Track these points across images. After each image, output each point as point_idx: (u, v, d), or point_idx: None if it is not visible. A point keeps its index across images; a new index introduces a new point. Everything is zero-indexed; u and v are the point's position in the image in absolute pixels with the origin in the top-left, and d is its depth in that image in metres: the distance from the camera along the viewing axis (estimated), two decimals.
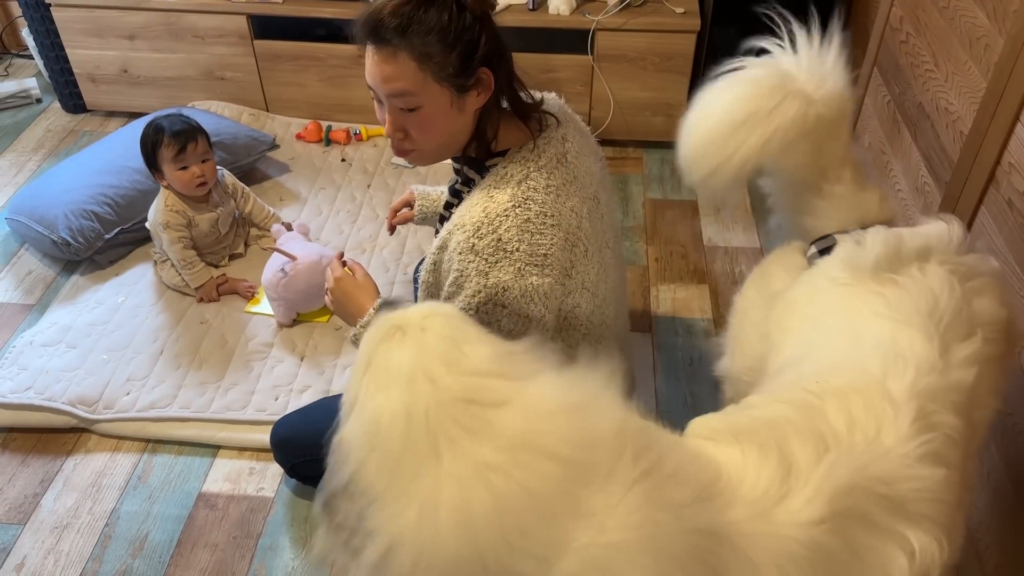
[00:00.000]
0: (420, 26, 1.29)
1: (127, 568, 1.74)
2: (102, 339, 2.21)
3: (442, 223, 1.64)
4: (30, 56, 3.48)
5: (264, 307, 2.30)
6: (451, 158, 1.51)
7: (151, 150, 2.24)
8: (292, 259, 2.16)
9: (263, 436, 1.91)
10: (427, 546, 0.92)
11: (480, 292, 1.38)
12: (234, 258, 2.48)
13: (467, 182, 1.54)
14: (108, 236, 2.41)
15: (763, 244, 2.57)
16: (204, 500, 1.87)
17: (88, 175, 2.50)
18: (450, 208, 1.60)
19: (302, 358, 2.17)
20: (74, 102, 3.19)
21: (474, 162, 1.50)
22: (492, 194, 1.39)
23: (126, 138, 2.59)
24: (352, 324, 1.49)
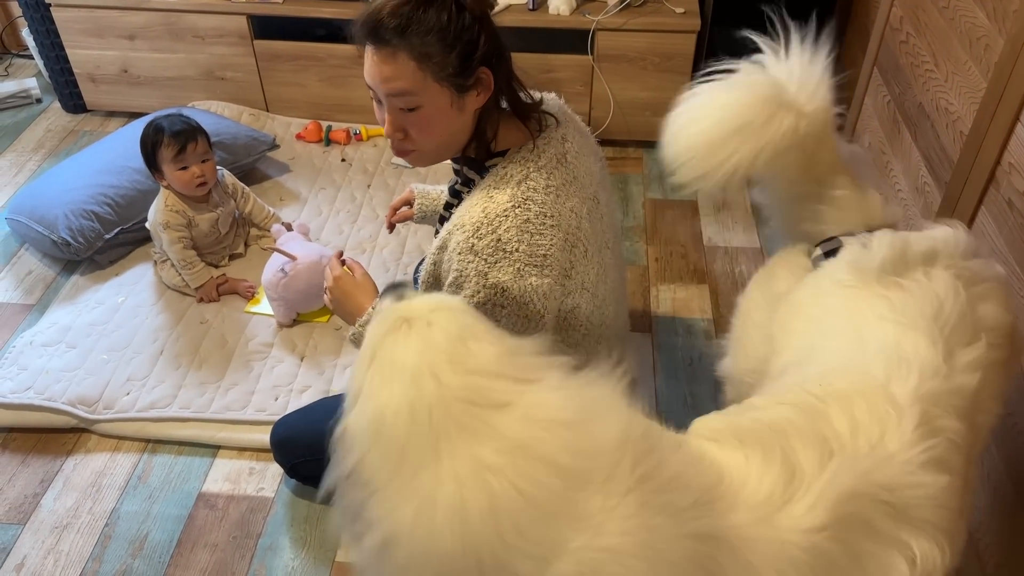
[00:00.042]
0: (419, 26, 1.29)
1: (127, 568, 1.74)
2: (102, 339, 2.21)
3: (442, 223, 1.64)
4: (30, 56, 3.48)
5: (264, 307, 2.30)
6: (451, 158, 1.52)
7: (151, 150, 2.24)
8: (292, 259, 2.16)
9: (263, 436, 1.91)
10: (423, 542, 0.93)
11: (479, 292, 1.38)
12: (234, 258, 2.48)
13: (467, 182, 1.54)
14: (108, 236, 2.41)
15: (763, 244, 2.57)
16: (204, 500, 1.87)
17: (88, 175, 2.50)
18: (450, 208, 1.60)
19: (302, 358, 2.17)
20: (74, 102, 3.19)
21: (474, 162, 1.49)
22: (492, 194, 1.39)
23: (126, 138, 2.59)
24: (351, 323, 1.49)
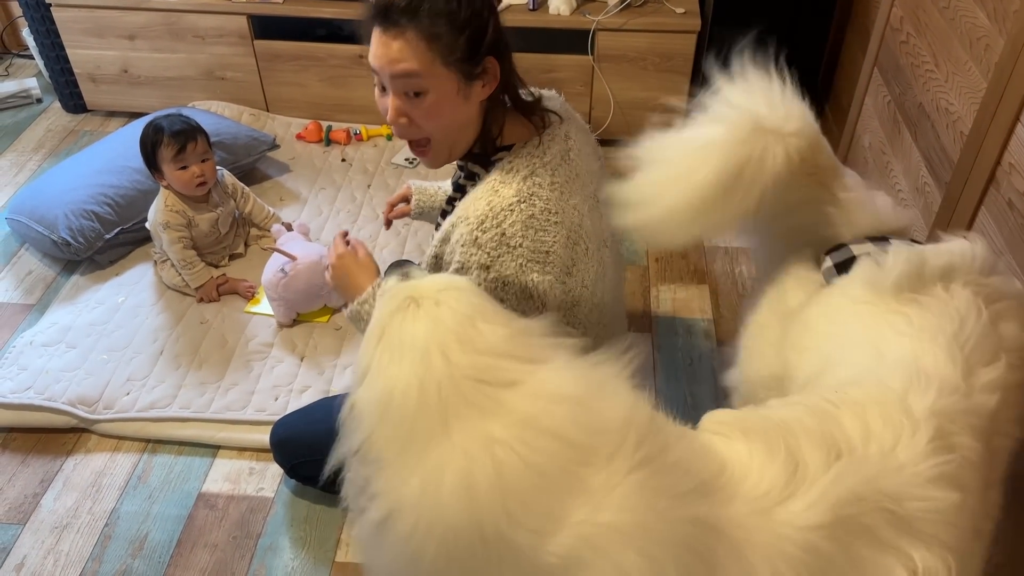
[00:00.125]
0: (430, 8, 1.30)
1: (127, 568, 1.74)
2: (102, 339, 2.21)
3: (444, 218, 1.64)
4: (30, 56, 3.49)
5: (264, 307, 2.30)
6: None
7: (151, 150, 2.24)
8: (292, 259, 2.16)
9: (263, 436, 1.91)
10: (428, 513, 0.94)
11: (480, 285, 1.38)
12: (234, 258, 2.48)
13: (470, 176, 1.54)
14: (108, 236, 2.41)
15: None
16: (204, 500, 1.87)
17: (88, 175, 2.50)
18: (452, 203, 1.60)
19: (302, 358, 2.17)
20: (74, 102, 3.19)
21: (478, 156, 1.49)
22: (497, 188, 1.39)
23: (126, 138, 2.59)
24: (350, 301, 1.49)
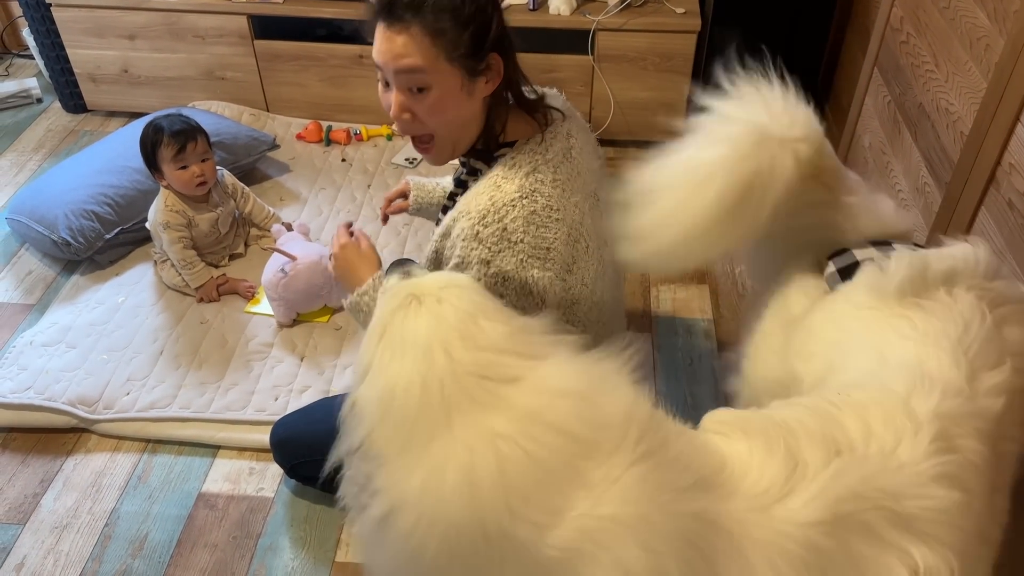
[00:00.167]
0: (435, 4, 1.30)
1: (127, 568, 1.74)
2: (102, 339, 2.21)
3: (445, 213, 1.64)
4: (31, 56, 3.48)
5: (264, 307, 2.30)
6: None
7: (151, 150, 2.24)
8: (292, 259, 2.16)
9: (263, 436, 1.91)
10: (430, 509, 0.94)
11: (480, 279, 1.38)
12: (234, 258, 2.48)
13: (472, 172, 1.54)
14: (108, 236, 2.41)
15: None
16: (204, 500, 1.87)
17: (88, 175, 2.50)
18: (454, 199, 1.60)
19: (302, 358, 2.17)
20: (75, 102, 3.19)
21: (481, 152, 1.50)
22: (500, 184, 1.40)
23: (126, 138, 2.59)
24: (350, 292, 1.49)
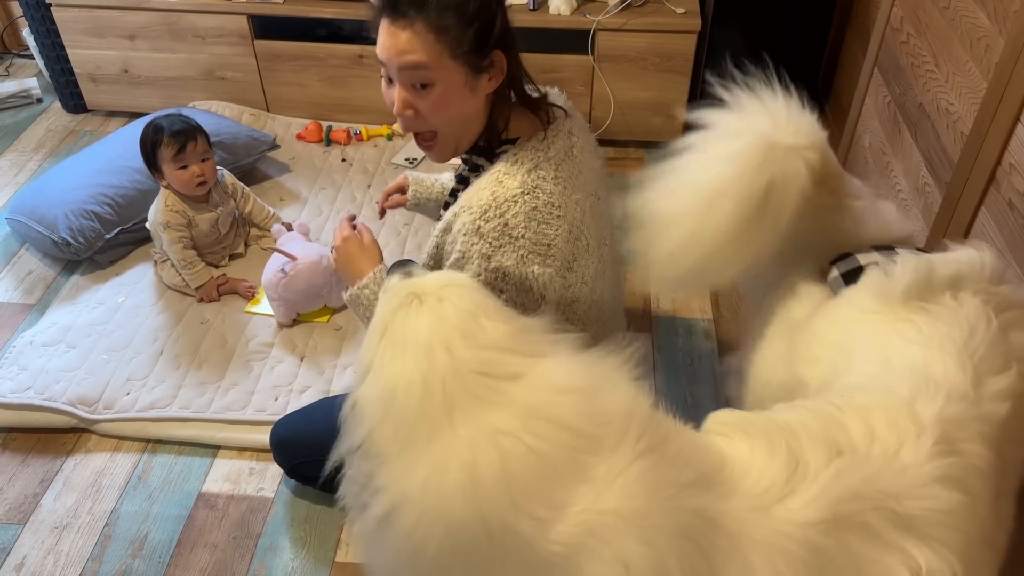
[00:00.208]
0: (439, 0, 1.30)
1: (127, 568, 1.74)
2: (102, 339, 2.21)
3: (446, 210, 1.64)
4: (31, 56, 3.48)
5: (264, 307, 2.30)
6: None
7: (151, 150, 2.24)
8: (292, 259, 2.16)
9: (263, 436, 1.91)
10: (432, 506, 0.94)
11: (480, 275, 1.38)
12: (234, 258, 2.48)
13: (474, 168, 1.54)
14: (108, 236, 2.41)
15: None
16: (204, 500, 1.87)
17: (88, 175, 2.50)
18: (455, 195, 1.60)
19: (302, 358, 2.17)
20: (75, 102, 3.19)
21: (483, 149, 1.50)
22: (501, 179, 1.40)
23: (126, 138, 2.59)
24: (351, 285, 1.49)
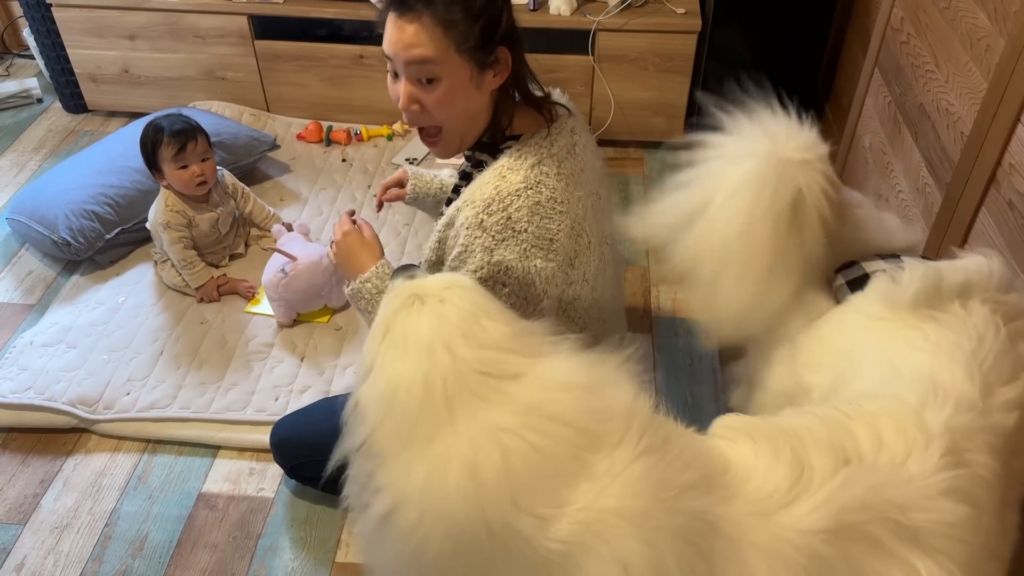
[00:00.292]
0: None
1: (127, 568, 1.74)
2: (102, 339, 2.21)
3: (449, 205, 1.64)
4: (31, 56, 3.49)
5: (264, 307, 2.30)
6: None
7: (151, 150, 2.24)
8: (292, 259, 2.16)
9: (263, 436, 1.91)
10: (433, 504, 0.94)
11: (483, 268, 1.39)
12: (234, 258, 2.48)
13: (477, 164, 1.54)
14: (108, 236, 2.41)
15: None
16: (204, 500, 1.87)
17: (89, 175, 2.50)
18: (458, 191, 1.60)
19: (302, 358, 2.17)
20: (75, 102, 3.19)
21: (487, 145, 1.50)
22: (505, 174, 1.40)
23: (127, 138, 2.59)
24: (352, 279, 1.49)
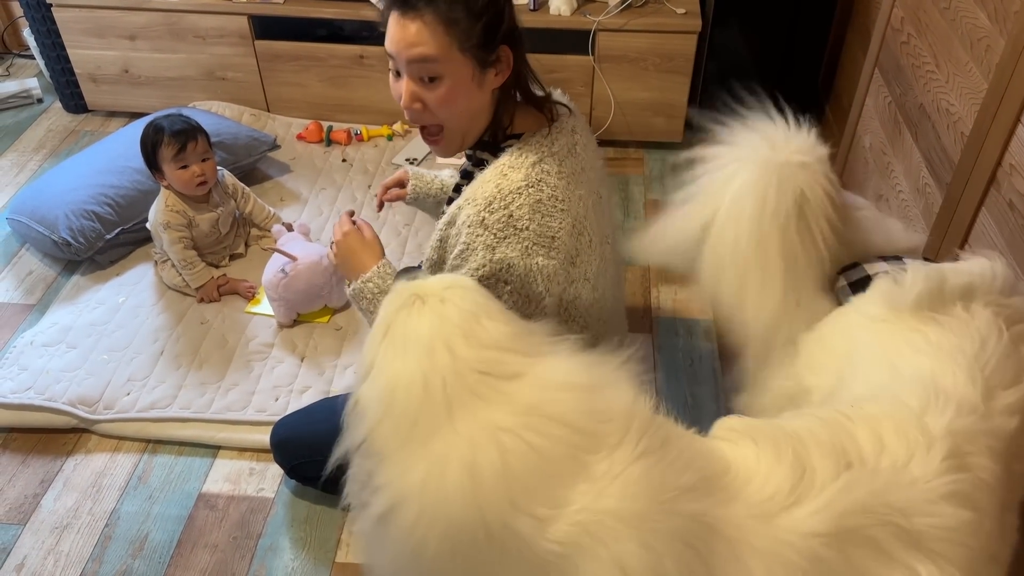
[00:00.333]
0: None
1: (127, 568, 1.74)
2: (103, 339, 2.21)
3: (450, 204, 1.64)
4: (31, 56, 3.49)
5: (264, 307, 2.30)
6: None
7: (151, 150, 2.24)
8: (292, 259, 2.16)
9: (263, 437, 1.91)
10: (432, 503, 0.94)
11: (485, 266, 1.39)
12: (234, 258, 2.48)
13: (479, 163, 1.54)
14: (109, 236, 2.41)
15: None
16: (204, 501, 1.87)
17: (89, 175, 2.50)
18: (459, 189, 1.60)
19: (302, 359, 2.17)
20: (75, 102, 3.19)
21: (488, 144, 1.51)
22: (506, 172, 1.40)
23: (127, 138, 2.59)
24: (353, 280, 1.49)
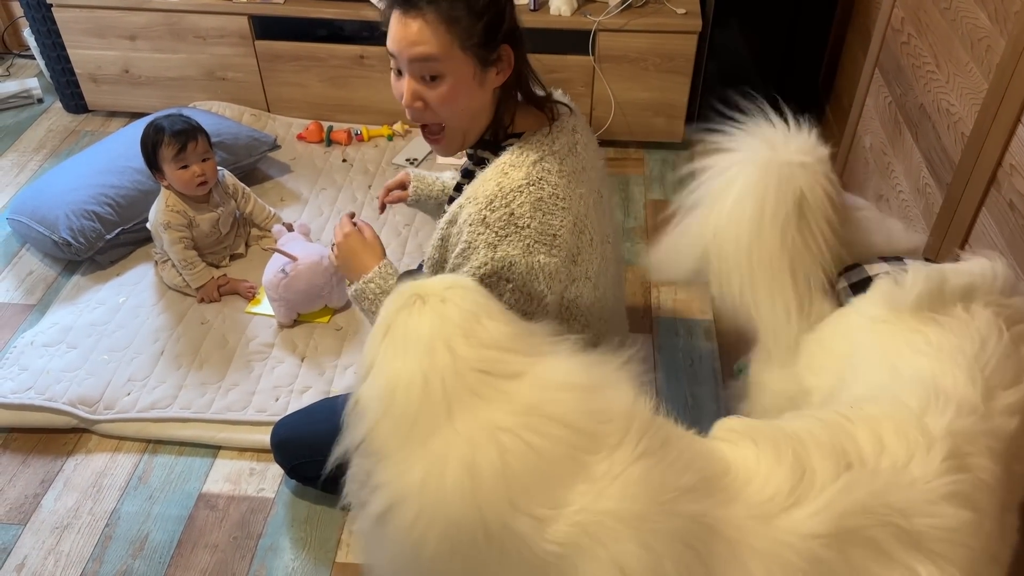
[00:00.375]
0: None
1: (127, 568, 1.74)
2: (103, 339, 2.21)
3: (451, 204, 1.64)
4: (32, 56, 3.49)
5: (265, 307, 2.30)
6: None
7: (151, 150, 2.24)
8: (293, 260, 2.16)
9: (263, 437, 1.91)
10: (431, 502, 0.94)
11: (486, 264, 1.39)
12: (235, 258, 2.48)
13: (480, 162, 1.54)
14: (109, 236, 2.41)
15: None
16: (204, 501, 1.87)
17: (89, 175, 2.50)
18: (460, 189, 1.60)
19: (303, 359, 2.17)
20: (75, 102, 3.19)
21: (489, 143, 1.51)
22: (507, 171, 1.41)
23: (127, 138, 2.59)
24: (354, 280, 1.49)
